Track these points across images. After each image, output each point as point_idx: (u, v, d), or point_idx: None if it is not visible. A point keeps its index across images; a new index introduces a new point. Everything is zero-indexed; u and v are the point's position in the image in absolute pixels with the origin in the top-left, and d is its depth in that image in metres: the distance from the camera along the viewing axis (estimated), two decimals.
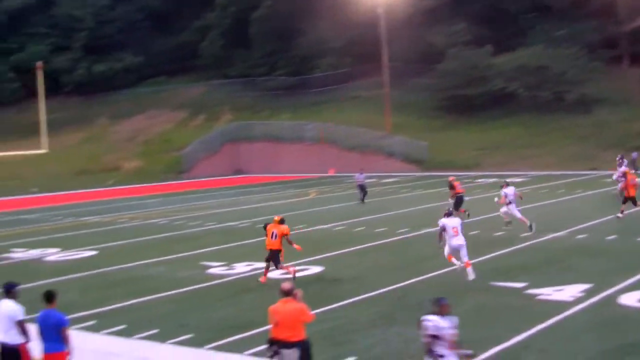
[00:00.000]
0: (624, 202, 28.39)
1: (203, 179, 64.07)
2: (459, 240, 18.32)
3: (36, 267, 23.06)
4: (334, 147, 66.62)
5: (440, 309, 9.75)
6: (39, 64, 56.77)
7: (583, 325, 13.79)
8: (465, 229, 25.78)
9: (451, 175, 34.02)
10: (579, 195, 37.50)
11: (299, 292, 10.33)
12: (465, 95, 67.16)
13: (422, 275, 18.92)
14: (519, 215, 25.82)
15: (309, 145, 68.30)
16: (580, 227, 25.98)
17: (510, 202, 26.02)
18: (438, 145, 63.08)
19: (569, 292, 16.37)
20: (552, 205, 33.83)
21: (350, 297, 16.81)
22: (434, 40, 72.11)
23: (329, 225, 29.74)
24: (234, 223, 31.91)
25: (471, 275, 18.10)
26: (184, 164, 69.29)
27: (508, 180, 29.60)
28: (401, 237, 25.83)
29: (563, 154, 57.96)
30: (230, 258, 22.77)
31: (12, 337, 11.11)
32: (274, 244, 18.93)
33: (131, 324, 15.26)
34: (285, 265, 19.19)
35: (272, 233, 19.00)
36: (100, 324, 15.40)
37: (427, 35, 72.63)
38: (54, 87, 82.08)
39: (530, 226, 25.26)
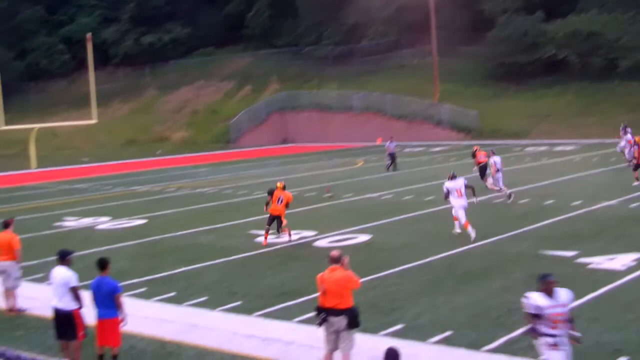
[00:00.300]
0: (635, 169, 28.81)
1: (250, 149, 64.33)
2: (462, 202, 19.82)
3: (88, 236, 23.42)
4: (381, 116, 66.27)
5: (545, 286, 9.16)
6: (88, 35, 57.26)
7: (636, 295, 13.55)
8: (514, 197, 25.69)
9: (476, 145, 33.75)
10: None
11: (346, 259, 10.30)
12: (516, 63, 66.05)
13: (471, 244, 18.77)
14: (501, 183, 26.44)
15: (356, 114, 68.04)
16: (633, 196, 25.49)
17: (498, 170, 26.73)
18: (487, 114, 62.37)
19: (620, 261, 16.11)
20: (604, 173, 33.23)
21: (398, 266, 16.77)
22: (483, 7, 70.88)
23: (377, 193, 29.65)
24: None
25: (472, 234, 19.18)
26: (231, 134, 69.61)
27: (559, 148, 29.13)
28: (449, 205, 25.57)
29: (615, 123, 56.71)
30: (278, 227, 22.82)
31: (66, 303, 11.32)
32: (278, 209, 20.25)
33: (181, 292, 15.44)
34: (285, 227, 20.48)
35: (279, 198, 20.31)
36: (150, 292, 15.60)
37: (477, 3, 71.41)
38: (103, 59, 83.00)
39: (510, 195, 25.59)
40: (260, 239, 20.79)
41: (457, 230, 20.26)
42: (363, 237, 20.48)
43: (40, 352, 11.59)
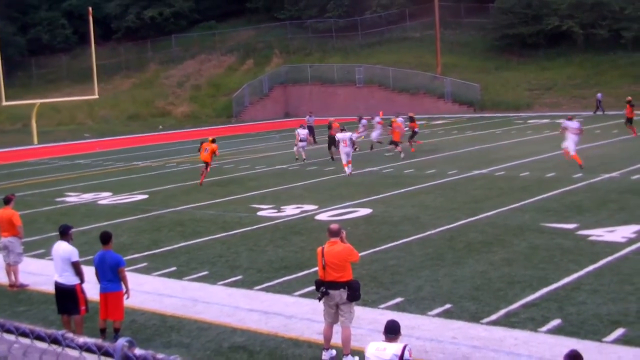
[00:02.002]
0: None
1: (253, 123, 64.20)
2: (347, 149, 27.84)
3: (89, 211, 23.47)
4: (384, 90, 66.07)
5: None
6: (90, 9, 56.97)
7: (636, 267, 13.57)
8: (514, 170, 25.69)
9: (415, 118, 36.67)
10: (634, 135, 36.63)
11: (343, 233, 10.31)
12: (519, 35, 65.65)
13: (472, 216, 18.79)
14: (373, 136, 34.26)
15: (359, 87, 67.83)
16: (634, 168, 25.45)
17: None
18: (490, 86, 62.18)
19: (621, 233, 16.12)
20: (606, 145, 33.17)
21: (399, 239, 16.79)
22: None
23: (378, 167, 29.63)
24: (284, 166, 32.00)
25: (348, 171, 27.40)
26: (234, 108, 69.47)
27: (562, 121, 29.11)
28: (451, 178, 25.62)
29: (618, 94, 56.52)
30: (279, 201, 22.89)
31: (68, 278, 11.38)
32: (206, 157, 27.41)
33: (182, 266, 15.49)
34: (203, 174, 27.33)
35: (205, 149, 27.43)
36: (151, 266, 15.66)
37: None
38: (105, 34, 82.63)
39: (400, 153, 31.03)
40: (262, 213, 20.86)
41: (348, 171, 27.53)
42: (364, 211, 20.49)
43: (43, 327, 11.63)
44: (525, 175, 25.15)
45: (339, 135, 29.00)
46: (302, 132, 33.48)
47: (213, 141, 27.95)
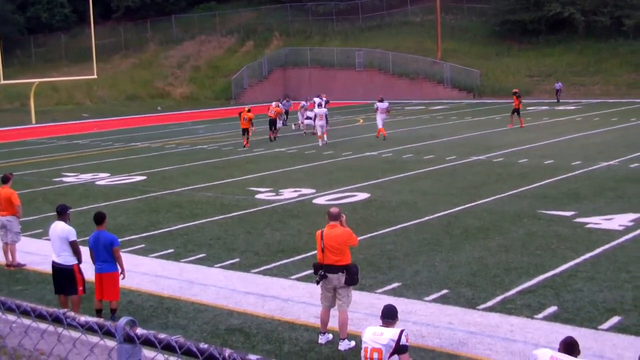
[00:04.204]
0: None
1: (252, 105, 64.01)
2: (322, 122, 32.77)
3: (87, 191, 23.45)
4: (383, 74, 65.96)
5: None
6: None
7: (632, 255, 13.60)
8: (513, 156, 25.71)
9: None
10: (633, 123, 36.66)
11: (343, 217, 10.31)
12: (520, 21, 65.49)
13: (470, 202, 18.80)
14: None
15: (358, 71, 67.70)
16: (633, 156, 25.46)
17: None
18: (490, 72, 62.08)
19: (618, 221, 16.15)
20: (605, 133, 33.14)
21: (397, 224, 16.81)
22: None
23: (377, 152, 29.61)
24: (282, 149, 31.98)
25: (320, 143, 32.26)
26: (233, 90, 69.33)
27: (561, 108, 29.07)
28: (449, 164, 25.63)
29: (618, 82, 56.55)
30: (277, 184, 22.89)
31: (65, 258, 11.39)
32: (245, 124, 32.78)
33: (179, 248, 15.51)
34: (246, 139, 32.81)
35: (243, 118, 32.62)
36: (149, 248, 15.66)
37: None
38: (105, 13, 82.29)
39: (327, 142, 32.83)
40: (259, 196, 20.89)
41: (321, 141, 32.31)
42: (362, 195, 20.50)
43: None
44: (523, 162, 25.16)
45: (316, 111, 34.09)
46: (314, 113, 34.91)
47: (249, 110, 33.11)
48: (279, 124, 37.36)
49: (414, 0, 75.15)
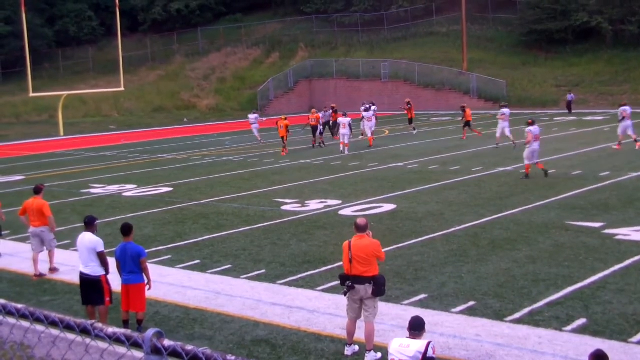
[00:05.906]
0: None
1: (277, 117, 64.14)
2: (346, 130, 33.66)
3: (114, 203, 23.61)
4: (409, 85, 65.87)
5: None
6: (117, 2, 57.24)
7: None
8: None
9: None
10: None
11: (370, 233, 10.25)
12: (546, 30, 65.15)
13: (497, 213, 18.68)
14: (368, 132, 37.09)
15: (384, 82, 67.67)
16: None
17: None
18: (516, 82, 61.75)
19: None
20: (633, 143, 32.77)
21: (423, 235, 16.73)
22: None
23: (403, 163, 29.54)
24: (308, 160, 32.00)
25: (344, 149, 33.68)
26: (259, 101, 69.58)
27: (589, 118, 28.79)
28: (475, 175, 25.49)
29: None
30: (303, 195, 22.89)
31: (93, 269, 11.46)
32: (282, 132, 34.86)
33: (205, 259, 15.54)
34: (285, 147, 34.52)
35: (280, 126, 34.93)
36: (175, 259, 15.72)
37: None
38: (132, 26, 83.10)
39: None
40: (285, 207, 20.89)
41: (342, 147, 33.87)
42: (388, 207, 20.44)
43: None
44: (551, 172, 24.95)
45: (339, 119, 34.82)
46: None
47: (285, 119, 35.63)
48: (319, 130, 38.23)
49: (440, 11, 75.08)
